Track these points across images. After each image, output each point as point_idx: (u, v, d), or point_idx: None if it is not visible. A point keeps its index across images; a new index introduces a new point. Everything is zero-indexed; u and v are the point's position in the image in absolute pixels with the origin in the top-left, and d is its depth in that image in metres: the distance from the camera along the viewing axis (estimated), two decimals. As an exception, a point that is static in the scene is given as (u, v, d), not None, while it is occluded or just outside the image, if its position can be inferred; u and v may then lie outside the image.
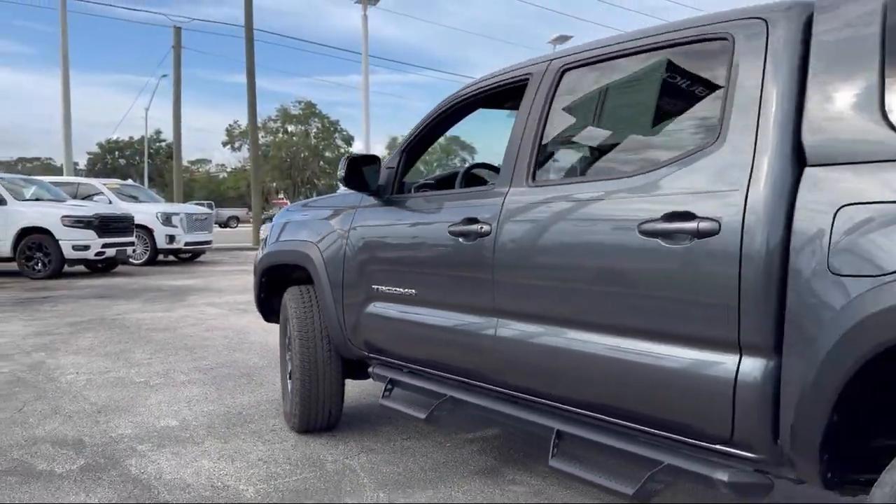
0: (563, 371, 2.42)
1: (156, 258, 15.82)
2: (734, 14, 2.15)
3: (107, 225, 13.28)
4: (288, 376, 3.99)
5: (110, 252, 13.38)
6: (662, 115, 2.43)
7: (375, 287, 3.33)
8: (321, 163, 65.85)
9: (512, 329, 2.61)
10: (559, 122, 2.67)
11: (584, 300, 2.35)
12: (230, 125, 65.85)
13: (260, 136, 63.63)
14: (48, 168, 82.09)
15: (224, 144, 68.25)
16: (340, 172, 3.31)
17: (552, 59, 2.74)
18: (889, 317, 1.58)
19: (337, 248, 3.55)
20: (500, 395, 2.76)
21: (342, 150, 61.67)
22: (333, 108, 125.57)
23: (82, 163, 67.34)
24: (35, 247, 12.63)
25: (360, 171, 3.33)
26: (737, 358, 1.92)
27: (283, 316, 4.03)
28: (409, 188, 3.61)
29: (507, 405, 2.73)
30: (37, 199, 13.49)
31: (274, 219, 4.45)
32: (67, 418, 4.19)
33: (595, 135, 2.74)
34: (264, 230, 4.58)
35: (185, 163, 69.73)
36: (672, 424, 2.11)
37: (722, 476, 1.99)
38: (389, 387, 3.34)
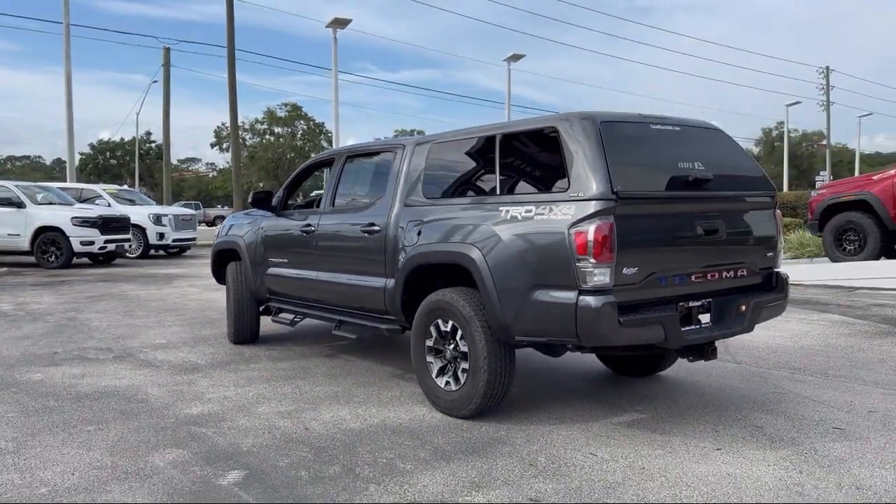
0: (338, 292, 5.41)
1: (148, 252, 18.54)
2: (401, 140, 5.14)
3: (108, 224, 16.11)
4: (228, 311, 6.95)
5: (111, 247, 16.23)
6: (372, 182, 5.44)
7: (271, 259, 6.30)
8: (305, 164, 68.09)
9: (323, 275, 5.58)
10: (343, 180, 5.65)
11: (344, 259, 5.35)
12: (218, 127, 67.46)
13: (247, 137, 66.20)
14: (36, 166, 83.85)
15: (212, 146, 70.52)
16: (250, 199, 6.28)
17: (344, 150, 5.72)
18: (411, 260, 4.58)
19: (253, 240, 6.51)
20: (321, 308, 5.74)
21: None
22: (322, 107, 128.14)
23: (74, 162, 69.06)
24: (49, 242, 15.43)
25: (263, 198, 6.31)
26: (385, 279, 4.90)
27: (227, 279, 6.97)
28: (292, 206, 6.57)
29: (324, 312, 5.71)
30: (49, 203, 16.26)
31: (225, 220, 7.39)
32: (100, 340, 7.12)
33: (353, 188, 5.71)
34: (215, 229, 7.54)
35: (175, 161, 71.54)
36: (371, 310, 5.13)
37: (384, 327, 4.99)
38: (277, 312, 6.33)
